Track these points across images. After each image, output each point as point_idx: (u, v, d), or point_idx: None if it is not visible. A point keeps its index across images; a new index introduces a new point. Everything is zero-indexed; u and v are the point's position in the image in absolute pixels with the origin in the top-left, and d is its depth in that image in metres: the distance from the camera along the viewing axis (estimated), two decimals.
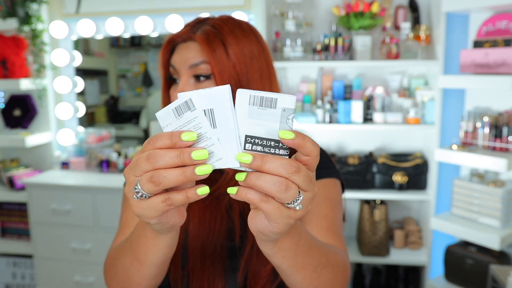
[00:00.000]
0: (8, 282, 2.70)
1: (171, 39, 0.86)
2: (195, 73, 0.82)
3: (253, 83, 0.84)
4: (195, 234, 0.82)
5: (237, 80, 0.82)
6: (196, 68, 0.81)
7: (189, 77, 0.82)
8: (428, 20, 2.21)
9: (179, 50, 0.84)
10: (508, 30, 1.83)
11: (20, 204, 2.62)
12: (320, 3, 2.30)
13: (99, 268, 2.33)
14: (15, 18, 2.43)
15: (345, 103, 2.14)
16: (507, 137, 1.82)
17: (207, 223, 0.83)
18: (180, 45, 0.84)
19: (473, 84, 1.83)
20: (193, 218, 0.84)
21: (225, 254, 0.82)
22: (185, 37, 0.84)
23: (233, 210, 0.85)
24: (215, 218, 0.83)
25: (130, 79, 3.06)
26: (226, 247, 0.82)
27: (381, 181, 2.20)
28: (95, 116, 3.03)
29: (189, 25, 0.86)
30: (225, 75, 0.81)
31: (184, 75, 0.82)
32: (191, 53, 0.82)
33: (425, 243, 2.23)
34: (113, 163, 2.54)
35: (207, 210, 0.84)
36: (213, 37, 0.81)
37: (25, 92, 2.68)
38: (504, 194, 1.80)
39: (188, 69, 0.82)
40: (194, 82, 0.83)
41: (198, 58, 0.81)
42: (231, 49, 0.82)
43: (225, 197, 0.86)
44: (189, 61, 0.82)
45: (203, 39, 0.81)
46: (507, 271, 1.61)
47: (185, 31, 0.84)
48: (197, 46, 0.82)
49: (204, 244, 0.82)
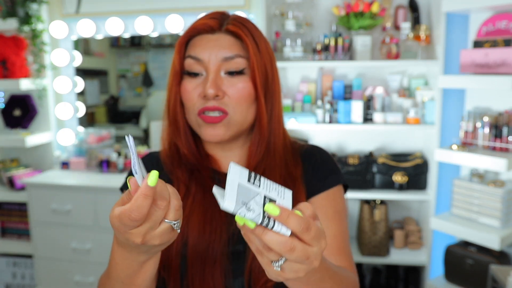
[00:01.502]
0: (8, 282, 2.70)
1: (194, 28, 0.79)
2: (228, 67, 0.78)
3: (275, 82, 0.83)
4: (195, 243, 0.79)
5: (265, 78, 0.81)
6: (230, 62, 0.77)
7: (220, 70, 0.78)
8: (428, 20, 2.21)
9: (205, 41, 0.78)
10: (508, 30, 1.83)
11: (20, 204, 2.62)
12: (320, 3, 2.30)
13: (99, 268, 2.33)
14: (15, 18, 2.43)
15: (345, 103, 2.14)
16: (507, 137, 1.82)
17: (207, 234, 0.79)
18: (204, 36, 0.79)
19: (473, 84, 1.83)
20: (192, 230, 0.79)
21: (225, 259, 0.79)
22: (214, 27, 0.78)
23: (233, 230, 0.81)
24: (215, 229, 0.79)
25: (130, 79, 3.06)
26: (227, 252, 0.79)
27: (381, 181, 2.20)
28: (95, 116, 3.03)
29: (212, 17, 0.80)
30: (259, 71, 0.79)
31: (215, 68, 0.77)
32: (223, 46, 0.77)
33: (425, 243, 2.23)
34: (113, 163, 2.54)
35: (207, 221, 0.80)
36: (247, 32, 0.78)
37: (25, 92, 2.68)
38: (504, 194, 1.80)
39: (219, 62, 0.77)
40: (226, 76, 0.78)
41: (233, 51, 0.77)
42: (260, 45, 0.80)
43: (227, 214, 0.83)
44: (221, 53, 0.77)
45: (239, 32, 0.77)
46: (507, 271, 1.61)
47: (213, 22, 0.79)
48: (230, 38, 0.78)
49: (204, 251, 0.79)
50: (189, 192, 0.82)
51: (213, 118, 0.78)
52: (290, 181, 0.83)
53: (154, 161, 0.90)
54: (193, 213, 0.80)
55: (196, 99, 0.79)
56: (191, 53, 0.78)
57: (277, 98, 0.84)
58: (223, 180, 0.84)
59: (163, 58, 2.97)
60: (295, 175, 0.85)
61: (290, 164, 0.86)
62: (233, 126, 0.80)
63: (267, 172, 0.82)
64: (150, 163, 0.90)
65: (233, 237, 0.80)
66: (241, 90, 0.78)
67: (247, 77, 0.79)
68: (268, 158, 0.84)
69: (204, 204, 0.81)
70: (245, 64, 0.78)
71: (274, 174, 0.82)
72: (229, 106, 0.78)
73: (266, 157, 0.84)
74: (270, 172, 0.82)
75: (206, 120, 0.78)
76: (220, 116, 0.78)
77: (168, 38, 2.91)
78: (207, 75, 0.78)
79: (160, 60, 2.98)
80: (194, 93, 0.79)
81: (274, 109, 0.84)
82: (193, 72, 0.79)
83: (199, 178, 0.83)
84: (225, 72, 0.78)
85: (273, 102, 0.83)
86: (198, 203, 0.81)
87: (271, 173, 0.82)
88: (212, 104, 0.77)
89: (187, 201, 0.81)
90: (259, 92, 0.79)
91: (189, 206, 0.80)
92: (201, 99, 0.78)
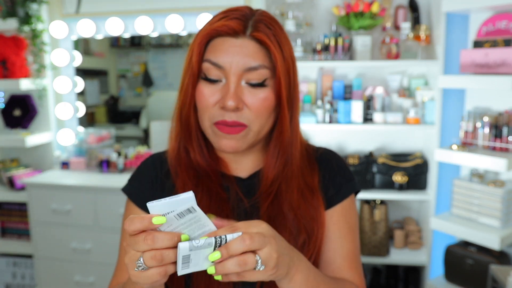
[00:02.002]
0: (8, 282, 2.70)
1: (216, 30, 0.72)
2: (250, 78, 0.72)
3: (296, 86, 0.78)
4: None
5: (289, 87, 0.76)
6: (254, 72, 0.71)
7: (241, 79, 0.72)
8: (428, 20, 2.21)
9: (227, 46, 0.71)
10: (508, 30, 1.83)
11: (20, 204, 2.62)
12: (320, 3, 2.30)
13: (99, 268, 2.33)
14: (15, 18, 2.43)
15: (345, 103, 2.14)
16: (507, 137, 1.82)
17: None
18: (226, 39, 0.71)
19: (473, 84, 1.83)
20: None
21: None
22: (238, 31, 0.71)
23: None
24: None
25: (130, 79, 3.06)
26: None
27: (381, 181, 2.20)
28: (95, 116, 3.03)
29: (236, 17, 0.72)
30: (285, 82, 0.73)
31: (236, 78, 0.71)
32: (247, 53, 0.71)
33: (425, 243, 2.23)
34: (113, 163, 2.54)
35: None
36: (273, 39, 0.72)
37: (25, 92, 2.68)
38: (504, 194, 1.80)
39: (241, 71, 0.71)
40: (246, 86, 0.73)
41: (257, 61, 0.71)
42: (285, 51, 0.74)
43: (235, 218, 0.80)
44: (245, 62, 0.71)
45: (266, 41, 0.71)
46: (507, 271, 1.61)
47: (237, 24, 0.71)
48: (254, 45, 0.71)
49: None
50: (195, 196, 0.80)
51: (230, 129, 0.73)
52: (308, 192, 0.81)
53: (158, 164, 0.87)
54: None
55: (213, 107, 0.73)
56: (211, 58, 0.72)
57: (296, 103, 0.79)
58: (231, 185, 0.82)
59: (163, 58, 2.97)
60: (312, 185, 0.82)
61: (306, 173, 0.83)
62: (251, 137, 0.76)
63: (283, 185, 0.80)
64: (153, 167, 0.87)
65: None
66: (262, 101, 0.73)
67: (269, 88, 0.73)
68: (285, 170, 0.80)
69: (210, 210, 0.78)
70: (268, 74, 0.72)
71: (291, 186, 0.80)
72: (249, 118, 0.73)
73: (283, 170, 0.80)
74: (287, 185, 0.80)
75: (223, 130, 0.74)
76: (239, 128, 0.74)
77: (168, 38, 2.91)
78: (227, 82, 0.72)
79: (160, 60, 2.98)
80: (211, 100, 0.73)
81: (294, 116, 0.79)
82: (211, 79, 0.73)
83: (207, 183, 0.80)
84: (246, 82, 0.72)
85: (293, 109, 0.79)
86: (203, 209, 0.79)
87: (288, 186, 0.80)
88: (231, 118, 0.72)
89: None
90: (283, 105, 0.75)
91: None
92: (219, 109, 0.73)
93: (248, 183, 0.83)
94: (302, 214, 0.79)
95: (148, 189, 0.85)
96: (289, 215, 0.78)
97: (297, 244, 0.78)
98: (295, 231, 0.78)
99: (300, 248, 0.78)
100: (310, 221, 0.79)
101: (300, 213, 0.79)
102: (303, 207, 0.80)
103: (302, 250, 0.78)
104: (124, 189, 0.88)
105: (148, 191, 0.85)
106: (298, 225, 0.78)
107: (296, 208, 0.79)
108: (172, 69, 2.98)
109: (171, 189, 0.83)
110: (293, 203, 0.79)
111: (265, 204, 0.79)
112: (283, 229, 0.77)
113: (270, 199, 0.79)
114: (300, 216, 0.79)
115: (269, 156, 0.81)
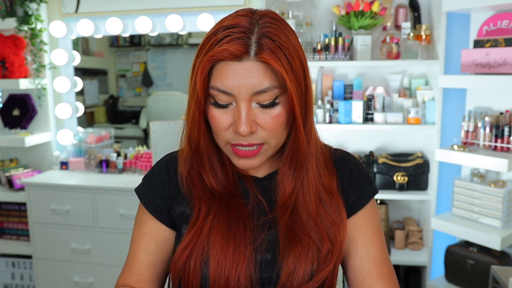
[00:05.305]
0: (7, 283, 2.69)
1: (216, 56, 0.68)
2: (260, 100, 0.69)
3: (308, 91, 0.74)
4: (216, 264, 0.74)
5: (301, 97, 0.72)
6: (263, 95, 0.69)
7: (251, 102, 0.70)
8: (428, 20, 2.20)
9: (232, 71, 0.68)
10: (509, 30, 1.82)
11: (19, 204, 2.61)
12: (320, 3, 2.29)
13: (98, 268, 2.32)
14: (14, 18, 2.43)
15: (345, 103, 2.14)
16: (508, 137, 1.81)
17: (230, 250, 0.74)
18: (232, 64, 0.68)
19: (474, 84, 1.83)
20: (213, 245, 0.75)
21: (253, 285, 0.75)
22: (241, 55, 0.67)
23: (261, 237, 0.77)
24: (239, 245, 0.75)
25: (129, 79, 3.05)
26: (255, 278, 0.75)
27: (382, 181, 2.20)
28: (94, 116, 3.02)
29: (237, 37, 0.67)
30: (296, 96, 0.70)
31: (245, 102, 0.69)
32: (254, 77, 0.67)
33: (426, 243, 2.23)
34: (112, 163, 2.53)
35: (231, 235, 0.76)
36: (280, 54, 0.68)
37: (24, 92, 2.67)
38: (505, 194, 1.79)
39: (250, 95, 0.68)
40: (257, 106, 0.70)
41: (265, 83, 0.68)
42: (294, 63, 0.70)
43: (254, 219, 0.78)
44: (252, 86, 0.68)
45: (273, 62, 0.67)
46: (508, 272, 1.61)
47: (239, 48, 0.67)
48: (260, 67, 0.67)
49: (228, 275, 0.74)
50: (211, 210, 0.79)
51: (247, 152, 0.73)
52: (326, 196, 0.80)
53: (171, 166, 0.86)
54: (213, 229, 0.77)
55: (227, 131, 0.72)
56: (218, 86, 0.69)
57: (310, 108, 0.76)
58: (248, 184, 0.82)
59: (162, 58, 2.97)
60: (331, 188, 0.81)
61: (324, 176, 0.81)
62: (269, 152, 0.75)
63: (300, 195, 0.79)
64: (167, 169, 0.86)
65: (261, 246, 0.77)
66: (275, 119, 0.71)
67: (281, 104, 0.71)
68: (303, 180, 0.79)
69: (228, 218, 0.77)
70: (278, 92, 0.70)
71: (309, 193, 0.79)
72: (265, 137, 0.72)
73: (300, 181, 0.79)
74: (304, 193, 0.79)
75: (240, 154, 0.73)
76: (257, 149, 0.73)
77: (168, 37, 2.91)
78: (237, 107, 0.70)
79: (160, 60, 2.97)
80: (224, 123, 0.72)
81: (308, 121, 0.76)
82: (221, 104, 0.71)
83: (222, 204, 0.80)
84: (257, 103, 0.70)
85: (307, 115, 0.76)
86: (220, 218, 0.78)
87: (306, 193, 0.79)
88: (246, 141, 0.71)
89: (208, 218, 0.78)
90: (298, 120, 0.72)
91: (210, 222, 0.77)
92: (233, 133, 0.72)
93: (265, 183, 0.83)
94: (322, 221, 0.78)
95: (159, 192, 0.85)
96: (309, 225, 0.77)
97: (321, 254, 0.76)
98: (318, 241, 0.77)
99: (324, 258, 0.76)
100: (331, 227, 0.78)
101: (321, 220, 0.78)
102: (323, 213, 0.79)
103: (326, 260, 0.76)
104: (137, 190, 0.88)
105: (158, 195, 0.85)
106: (321, 234, 0.77)
107: (316, 216, 0.78)
108: (171, 69, 2.98)
109: (185, 198, 0.83)
110: (312, 212, 0.78)
111: (284, 217, 0.78)
112: (306, 238, 0.76)
113: (288, 212, 0.78)
114: (321, 223, 0.78)
115: (285, 168, 0.79)
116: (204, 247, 0.76)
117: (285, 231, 0.77)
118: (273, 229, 0.78)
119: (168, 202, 0.84)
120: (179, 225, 0.83)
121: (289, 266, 0.75)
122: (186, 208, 0.82)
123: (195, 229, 0.77)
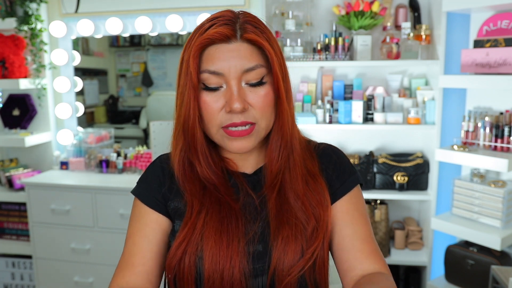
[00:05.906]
0: (7, 283, 2.69)
1: (208, 38, 0.74)
2: (249, 78, 0.75)
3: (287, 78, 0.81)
4: (211, 259, 0.76)
5: (284, 80, 0.79)
6: (251, 73, 0.74)
7: (241, 81, 0.75)
8: (428, 20, 2.20)
9: (222, 52, 0.74)
10: (509, 30, 1.82)
11: (19, 204, 2.61)
12: (320, 3, 2.29)
13: (98, 268, 2.32)
14: (14, 18, 2.43)
15: (345, 103, 2.14)
16: (508, 137, 1.81)
17: (224, 245, 0.77)
18: (220, 46, 0.74)
19: (474, 84, 1.83)
20: (207, 239, 0.77)
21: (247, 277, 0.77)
22: (230, 36, 0.74)
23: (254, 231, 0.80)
24: (232, 239, 0.77)
25: (129, 79, 3.05)
26: (248, 270, 0.77)
27: (382, 181, 2.20)
28: (94, 116, 3.02)
29: (224, 23, 0.74)
30: (280, 76, 0.77)
31: (236, 80, 0.74)
32: (243, 56, 0.74)
33: (426, 243, 2.23)
34: (112, 163, 2.53)
35: (223, 230, 0.78)
36: (263, 37, 0.75)
37: (24, 92, 2.67)
38: (505, 194, 1.79)
39: (240, 74, 0.74)
40: (247, 86, 0.76)
41: (253, 61, 0.74)
42: (275, 47, 0.77)
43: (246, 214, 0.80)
44: (242, 65, 0.74)
45: (259, 40, 0.74)
46: (508, 272, 1.61)
47: (227, 30, 0.74)
48: (247, 47, 0.75)
49: (222, 269, 0.76)
50: (203, 206, 0.81)
51: (241, 132, 0.76)
52: (311, 179, 0.84)
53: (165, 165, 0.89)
54: (207, 225, 0.78)
55: (219, 113, 0.76)
56: (209, 67, 0.74)
57: (290, 94, 0.82)
58: (238, 180, 0.84)
59: (162, 58, 2.96)
60: (314, 172, 0.85)
61: (307, 161, 0.86)
62: (260, 134, 0.79)
63: (287, 175, 0.82)
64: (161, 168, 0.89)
65: (253, 239, 0.79)
66: (264, 98, 0.77)
67: (268, 84, 0.77)
68: (289, 160, 0.83)
69: (220, 214, 0.79)
70: (264, 72, 0.76)
71: (295, 174, 0.82)
72: (255, 116, 0.77)
73: (287, 160, 0.83)
74: (291, 173, 0.82)
75: (234, 134, 0.76)
76: (249, 128, 0.77)
77: (168, 37, 2.91)
78: (228, 87, 0.75)
79: (160, 60, 2.97)
80: (215, 107, 0.76)
81: (290, 108, 0.82)
82: (211, 87, 0.75)
83: (215, 193, 0.82)
84: (246, 82, 0.76)
85: (289, 100, 0.82)
86: (213, 214, 0.79)
87: (292, 174, 0.82)
88: (239, 119, 0.75)
89: (201, 215, 0.80)
90: (282, 99, 0.78)
91: (203, 218, 0.79)
92: (226, 114, 0.76)
93: (254, 178, 0.85)
94: (309, 201, 0.81)
95: (156, 188, 0.87)
96: (296, 204, 0.80)
97: (307, 232, 0.79)
98: (304, 220, 0.79)
99: (310, 235, 0.79)
100: (316, 206, 0.81)
101: (307, 200, 0.81)
102: (309, 194, 0.82)
103: (312, 237, 0.79)
104: (133, 191, 0.89)
105: (156, 190, 0.86)
106: (307, 213, 0.80)
107: (303, 196, 0.81)
108: (171, 69, 2.98)
109: (178, 195, 0.84)
110: (299, 191, 0.81)
111: (272, 197, 0.81)
112: (292, 219, 0.79)
113: (276, 191, 0.81)
114: (308, 203, 0.81)
115: (271, 149, 0.82)
116: (198, 243, 0.77)
117: (275, 212, 0.80)
118: (264, 216, 0.81)
119: (164, 198, 0.85)
120: (173, 220, 0.84)
121: (278, 248, 0.77)
122: (180, 204, 0.84)
123: (188, 226, 0.79)
